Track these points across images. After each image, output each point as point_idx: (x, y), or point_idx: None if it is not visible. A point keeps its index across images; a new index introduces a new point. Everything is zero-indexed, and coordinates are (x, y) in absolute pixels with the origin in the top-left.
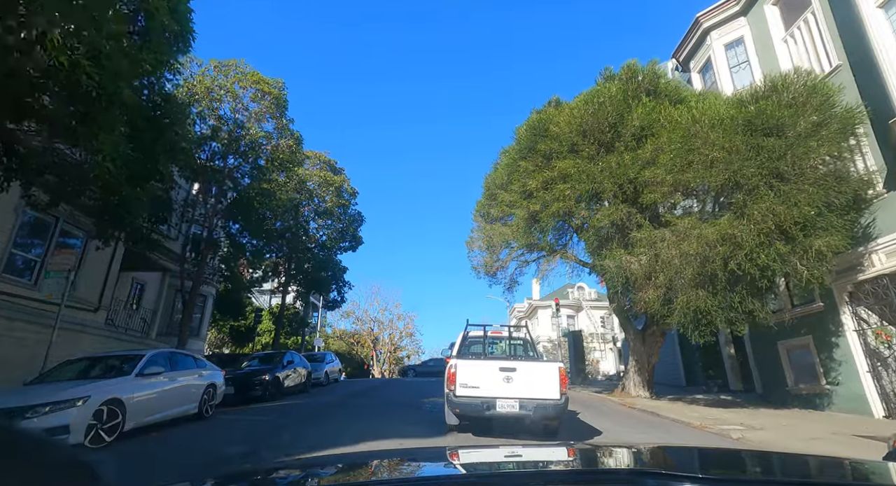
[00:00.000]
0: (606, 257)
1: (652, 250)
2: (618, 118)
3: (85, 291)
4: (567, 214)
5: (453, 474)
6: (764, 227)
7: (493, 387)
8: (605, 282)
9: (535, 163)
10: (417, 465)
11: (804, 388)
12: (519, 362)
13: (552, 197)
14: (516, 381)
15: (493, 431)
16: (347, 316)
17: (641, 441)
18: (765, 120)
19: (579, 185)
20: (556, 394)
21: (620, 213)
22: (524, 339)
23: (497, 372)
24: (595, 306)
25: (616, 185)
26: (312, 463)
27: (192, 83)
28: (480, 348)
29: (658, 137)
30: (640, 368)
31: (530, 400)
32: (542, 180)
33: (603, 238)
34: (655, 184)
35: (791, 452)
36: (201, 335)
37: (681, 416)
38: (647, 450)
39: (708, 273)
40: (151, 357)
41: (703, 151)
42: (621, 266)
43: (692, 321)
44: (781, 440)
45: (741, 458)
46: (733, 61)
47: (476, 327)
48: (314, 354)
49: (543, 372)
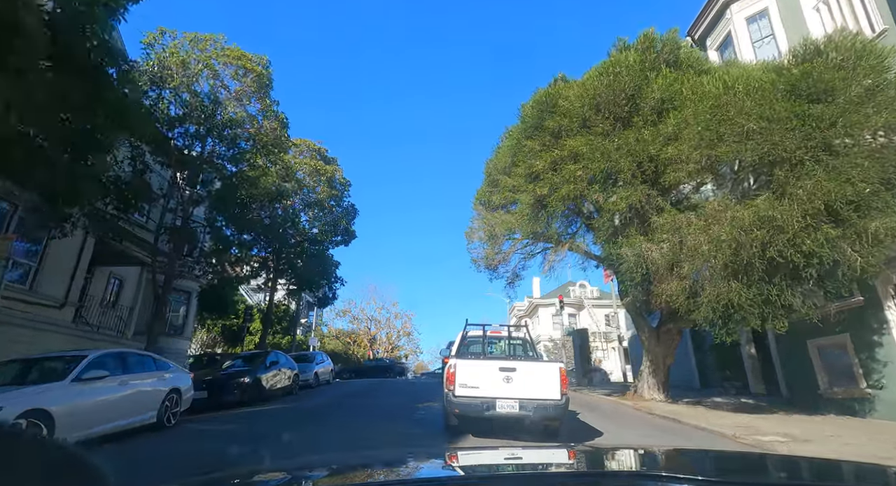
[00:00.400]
0: (622, 246)
1: (676, 237)
2: (635, 90)
3: (48, 286)
4: (578, 198)
5: (451, 475)
6: (810, 207)
7: (492, 387)
8: (620, 274)
9: (541, 142)
10: (415, 467)
11: (839, 392)
12: (519, 362)
13: (561, 179)
14: (516, 381)
15: (492, 432)
16: (344, 315)
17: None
18: (811, 84)
19: (592, 164)
20: (557, 394)
21: (639, 195)
22: (524, 339)
23: (497, 372)
24: (597, 304)
25: (634, 163)
26: (303, 466)
27: (163, 55)
28: (480, 348)
29: (682, 110)
30: (655, 369)
31: (530, 401)
32: (551, 161)
33: (618, 224)
34: (679, 161)
35: (799, 455)
36: (186, 334)
37: (706, 423)
38: (648, 452)
39: (742, 262)
40: (95, 359)
41: (738, 122)
42: (640, 255)
43: (721, 317)
44: (843, 457)
45: (743, 460)
46: (756, 36)
47: (475, 327)
48: (304, 354)
49: (544, 372)
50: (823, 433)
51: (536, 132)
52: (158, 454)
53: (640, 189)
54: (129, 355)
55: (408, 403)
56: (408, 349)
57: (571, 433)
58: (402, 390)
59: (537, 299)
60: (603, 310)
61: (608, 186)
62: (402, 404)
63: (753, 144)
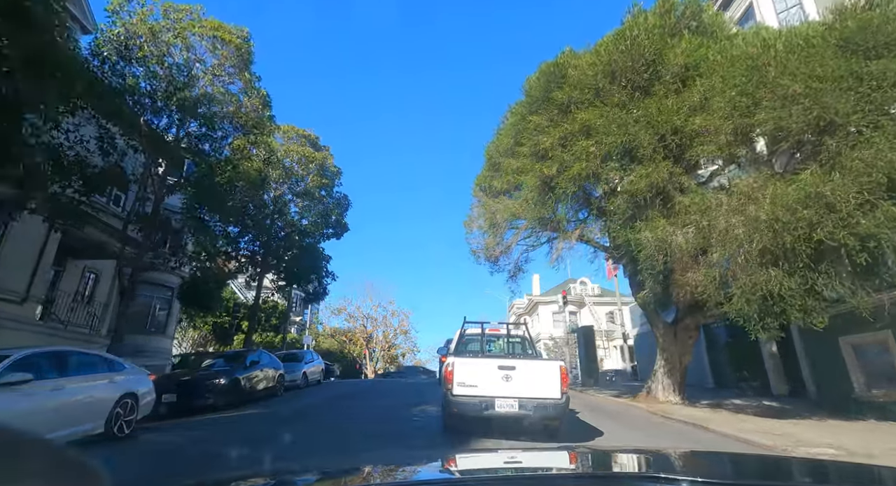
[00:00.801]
0: (641, 230)
1: (704, 219)
2: (656, 55)
3: (7, 279)
4: (591, 178)
5: (448, 479)
6: (867, 182)
7: (491, 386)
8: (637, 264)
9: (549, 117)
10: (412, 470)
11: (879, 394)
12: (518, 360)
13: (572, 157)
14: (516, 380)
15: (492, 434)
16: (339, 313)
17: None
18: (870, 37)
19: (608, 138)
20: (557, 393)
21: (662, 172)
22: (523, 337)
23: (496, 371)
24: (598, 302)
25: (656, 137)
26: (294, 470)
27: (131, 22)
28: (478, 346)
29: (709, 76)
30: (671, 368)
31: (530, 400)
32: (560, 137)
33: (635, 208)
34: (708, 133)
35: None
36: (169, 333)
37: (736, 430)
38: (650, 453)
39: (783, 246)
40: (19, 360)
41: (779, 84)
42: (663, 240)
43: (757, 311)
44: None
45: (753, 463)
46: (781, 6)
47: (473, 325)
48: (292, 352)
49: (544, 371)
50: (886, 445)
51: (543, 106)
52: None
53: (663, 166)
54: (69, 354)
55: (401, 406)
56: (405, 348)
57: (582, 442)
58: (396, 392)
59: (537, 297)
60: (604, 308)
61: (625, 164)
62: (395, 406)
63: (799, 110)
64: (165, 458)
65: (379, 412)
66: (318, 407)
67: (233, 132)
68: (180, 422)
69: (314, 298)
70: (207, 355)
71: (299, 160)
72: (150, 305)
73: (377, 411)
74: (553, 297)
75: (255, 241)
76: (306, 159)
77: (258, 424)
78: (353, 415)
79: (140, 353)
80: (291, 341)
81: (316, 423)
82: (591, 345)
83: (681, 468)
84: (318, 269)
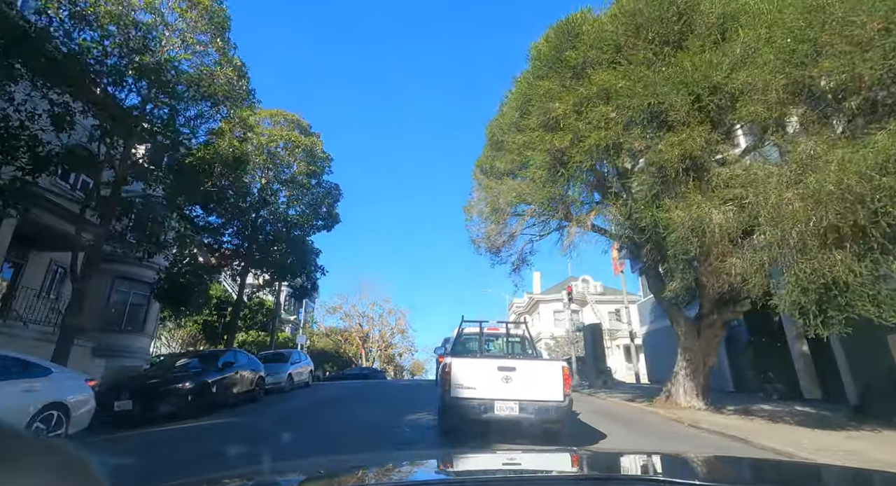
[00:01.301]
0: (669, 210)
1: (750, 193)
2: (688, 4)
3: None
4: (610, 150)
5: (444, 479)
6: None
7: (490, 388)
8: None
9: (561, 82)
10: (408, 470)
11: None
12: (519, 360)
13: (588, 125)
14: (516, 381)
15: (491, 436)
16: (334, 312)
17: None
18: None
19: (632, 101)
20: (560, 395)
21: (697, 139)
22: (523, 336)
23: (495, 372)
24: (601, 300)
25: (690, 97)
26: (287, 469)
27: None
28: (476, 346)
29: (754, 26)
30: (694, 370)
31: (531, 402)
32: (574, 103)
33: (664, 182)
34: (755, 90)
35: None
36: (146, 331)
37: (783, 444)
38: (651, 456)
39: (853, 223)
40: None
41: (851, 22)
42: (699, 219)
43: (817, 302)
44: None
45: (744, 466)
46: None
47: (472, 324)
48: (278, 352)
49: (545, 372)
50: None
51: (554, 70)
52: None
53: (699, 131)
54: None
55: (393, 415)
56: (402, 348)
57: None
58: (388, 396)
59: (538, 295)
60: (607, 306)
61: (653, 131)
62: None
63: (877, 54)
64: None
65: (369, 419)
66: (299, 414)
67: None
68: (133, 434)
69: (303, 294)
70: (183, 355)
71: (286, 145)
72: (126, 301)
73: (367, 417)
74: (554, 295)
75: (239, 234)
76: (293, 144)
77: (224, 436)
78: (339, 422)
79: (116, 353)
80: (284, 341)
81: (294, 435)
82: (599, 344)
83: (680, 471)
84: (307, 263)
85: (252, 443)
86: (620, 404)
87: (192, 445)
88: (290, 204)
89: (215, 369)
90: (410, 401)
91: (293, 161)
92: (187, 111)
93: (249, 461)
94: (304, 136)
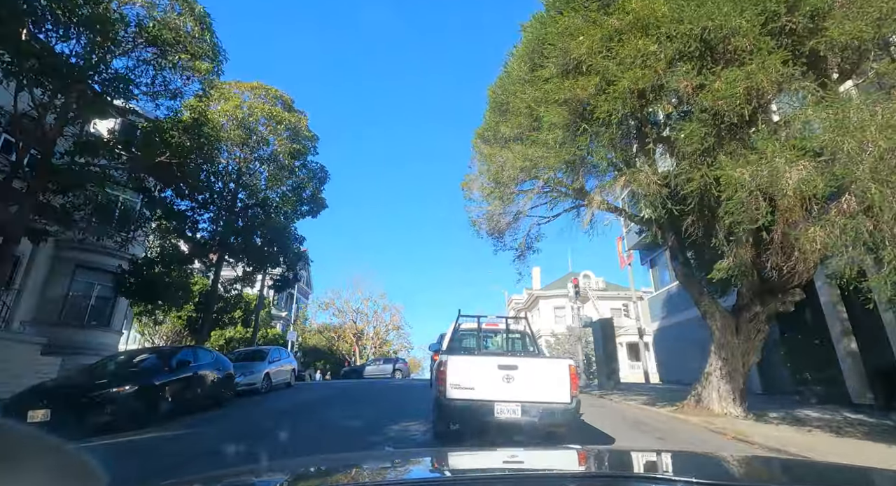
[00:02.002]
0: (726, 168)
1: (846, 140)
2: None
3: None
4: (648, 95)
5: (441, 478)
6: None
7: (490, 388)
8: (709, 220)
9: (584, 16)
10: (404, 469)
11: None
12: (521, 358)
13: (620, 66)
14: (518, 381)
15: (489, 441)
16: (326, 307)
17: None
18: None
19: (679, 28)
20: (566, 396)
21: (772, 71)
22: (524, 332)
23: (495, 371)
24: (603, 296)
25: (760, 18)
26: (283, 468)
27: None
28: (474, 343)
29: None
30: (731, 371)
31: (535, 404)
32: (601, 38)
33: (717, 133)
34: (851, 5)
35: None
36: (113, 326)
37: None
38: (649, 454)
39: None
40: None
41: None
42: (771, 176)
43: None
44: None
45: (745, 464)
46: None
47: (469, 319)
48: (254, 350)
49: (550, 370)
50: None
51: (574, 3)
52: None
53: (772, 61)
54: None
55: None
56: (398, 345)
57: None
58: (375, 399)
59: (538, 291)
60: (609, 302)
61: (706, 66)
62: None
63: None
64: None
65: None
66: (266, 422)
67: (145, 50)
68: None
69: (284, 285)
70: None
71: (266, 119)
72: (90, 294)
73: (348, 427)
74: (554, 291)
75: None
76: (274, 120)
77: (159, 456)
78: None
79: (76, 350)
80: (274, 338)
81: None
82: (611, 341)
83: (680, 469)
84: (288, 251)
85: (191, 465)
86: (639, 408)
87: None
88: (270, 185)
89: (166, 370)
90: (401, 405)
91: (272, 136)
92: (140, 72)
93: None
94: (287, 112)
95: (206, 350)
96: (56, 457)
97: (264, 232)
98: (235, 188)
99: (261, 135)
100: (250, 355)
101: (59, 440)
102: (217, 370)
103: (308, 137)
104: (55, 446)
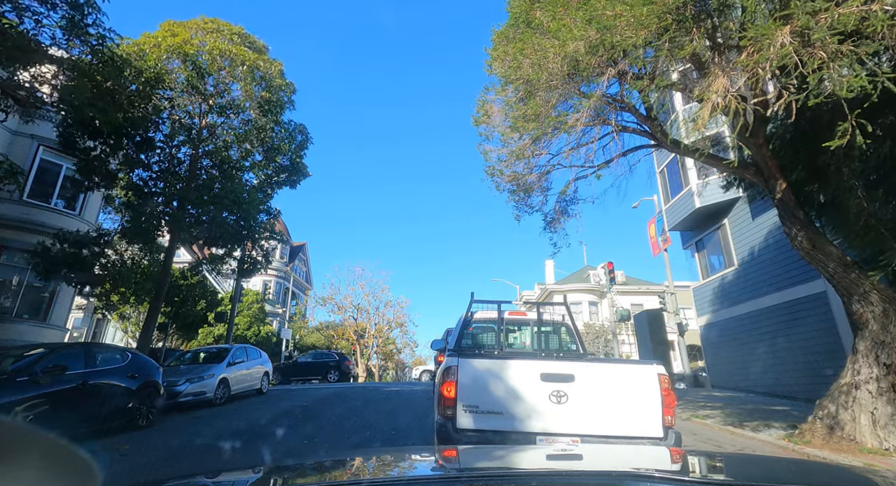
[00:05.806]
0: None
1: None
2: None
3: None
4: None
5: (441, 476)
6: None
7: (530, 412)
8: None
9: None
10: (407, 466)
11: None
12: (577, 363)
13: None
14: (575, 400)
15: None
16: (325, 303)
17: None
18: None
19: None
20: (657, 428)
21: None
22: (564, 325)
23: (537, 383)
24: (623, 290)
25: None
26: (282, 467)
27: None
28: (493, 339)
29: None
30: (894, 384)
31: (606, 440)
32: None
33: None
34: None
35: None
36: (54, 320)
37: None
38: (644, 453)
39: None
40: None
41: None
42: None
43: None
44: None
45: (744, 463)
46: None
47: (487, 306)
48: (210, 349)
49: (628, 383)
50: None
51: None
52: None
53: None
54: None
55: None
56: (402, 343)
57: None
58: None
59: (552, 285)
60: (630, 297)
61: None
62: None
63: None
64: None
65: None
66: (188, 459)
67: None
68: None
69: (251, 269)
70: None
71: (230, 65)
72: (19, 281)
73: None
74: (571, 285)
75: (165, 185)
76: (230, 60)
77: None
78: None
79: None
80: (268, 335)
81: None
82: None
83: (681, 468)
84: (252, 224)
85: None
86: (730, 432)
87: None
88: (229, 141)
89: (27, 381)
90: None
91: (232, 81)
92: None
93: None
94: (252, 51)
95: (120, 350)
96: (52, 451)
97: (222, 198)
98: (195, 154)
99: (220, 79)
100: (203, 356)
101: (56, 436)
102: (130, 378)
103: (282, 87)
104: (51, 440)
